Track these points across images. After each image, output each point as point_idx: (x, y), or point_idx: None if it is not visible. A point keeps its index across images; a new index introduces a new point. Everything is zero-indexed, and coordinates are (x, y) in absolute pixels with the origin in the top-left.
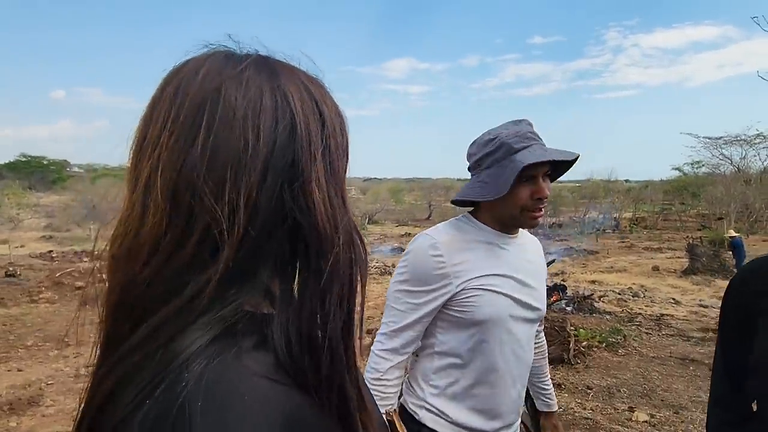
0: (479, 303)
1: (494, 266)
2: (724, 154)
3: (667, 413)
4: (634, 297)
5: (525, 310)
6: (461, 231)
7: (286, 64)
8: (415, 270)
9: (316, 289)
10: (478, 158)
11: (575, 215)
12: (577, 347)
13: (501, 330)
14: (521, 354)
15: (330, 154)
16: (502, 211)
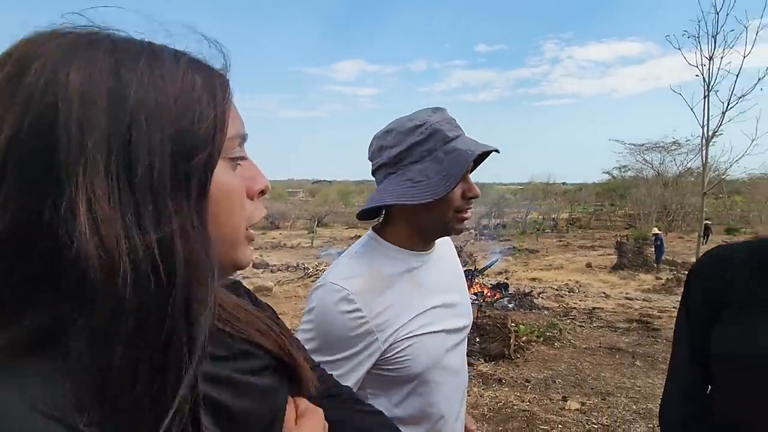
0: (413, 354)
1: (420, 301)
2: (646, 160)
3: (596, 400)
4: (569, 292)
5: (457, 335)
6: (374, 264)
7: (107, 38)
8: (326, 334)
9: (93, 331)
10: (402, 150)
11: (518, 216)
12: (517, 342)
13: (440, 373)
14: (459, 383)
15: (131, 149)
16: (428, 218)
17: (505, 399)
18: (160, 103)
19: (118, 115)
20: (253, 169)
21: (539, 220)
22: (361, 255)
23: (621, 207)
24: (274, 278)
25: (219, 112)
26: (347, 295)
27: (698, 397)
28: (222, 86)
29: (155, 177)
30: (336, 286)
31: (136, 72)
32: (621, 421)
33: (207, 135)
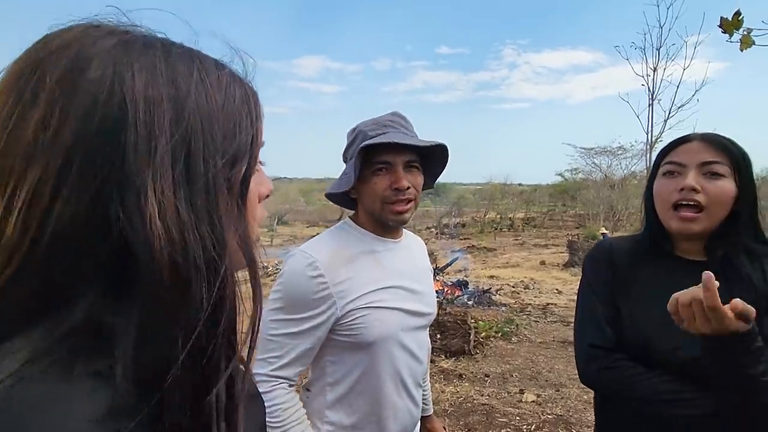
0: (368, 323)
1: (380, 279)
2: (595, 163)
3: (551, 392)
4: (525, 289)
5: (416, 318)
6: (342, 242)
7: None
8: (292, 295)
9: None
10: (344, 150)
11: (477, 216)
12: (476, 338)
13: (394, 347)
14: (416, 367)
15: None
16: (368, 206)
17: (465, 394)
18: (211, 113)
19: (180, 123)
20: (262, 173)
21: (497, 220)
22: (332, 233)
23: (572, 207)
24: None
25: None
26: (314, 263)
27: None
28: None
29: (210, 183)
30: (306, 254)
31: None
32: (573, 411)
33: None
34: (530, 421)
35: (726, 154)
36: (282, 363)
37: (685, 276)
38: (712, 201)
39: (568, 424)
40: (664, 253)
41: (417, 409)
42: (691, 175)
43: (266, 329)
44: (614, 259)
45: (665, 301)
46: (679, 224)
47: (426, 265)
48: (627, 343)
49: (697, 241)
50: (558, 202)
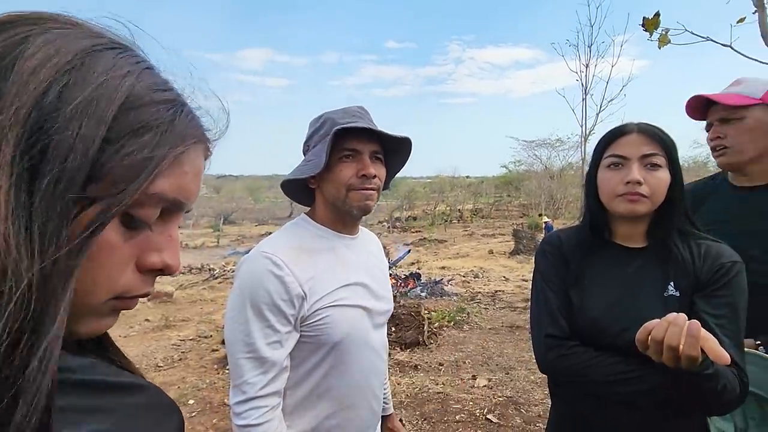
0: (332, 322)
1: (342, 276)
2: (536, 155)
3: (501, 375)
4: (475, 278)
5: (377, 316)
6: (301, 239)
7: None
8: (261, 300)
9: None
10: (306, 139)
11: (427, 208)
12: (430, 329)
13: (357, 345)
14: (379, 364)
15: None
16: (331, 195)
17: (421, 384)
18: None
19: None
20: (163, 243)
21: (447, 212)
22: (289, 230)
23: (517, 198)
24: (175, 282)
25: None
26: (277, 261)
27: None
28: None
29: (60, 188)
30: (266, 253)
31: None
32: (522, 392)
33: (130, 172)
34: (482, 404)
35: (661, 145)
36: (269, 378)
37: (626, 263)
38: (653, 191)
39: (517, 404)
40: (606, 242)
41: (380, 408)
42: (634, 168)
43: (238, 347)
44: (564, 252)
45: (611, 288)
46: (626, 206)
47: (382, 261)
48: (579, 329)
49: (636, 229)
50: (503, 193)
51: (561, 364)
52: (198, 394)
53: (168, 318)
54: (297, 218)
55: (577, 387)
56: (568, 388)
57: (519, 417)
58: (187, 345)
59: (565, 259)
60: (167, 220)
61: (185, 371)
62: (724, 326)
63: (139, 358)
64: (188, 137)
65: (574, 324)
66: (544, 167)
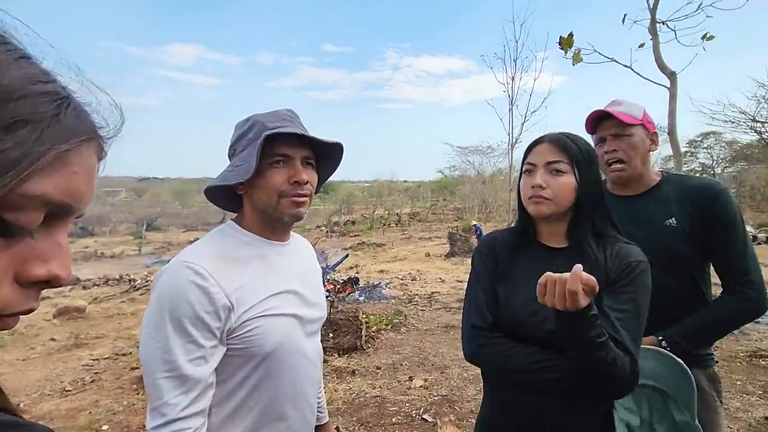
0: (262, 333)
1: (272, 285)
2: (469, 161)
3: (437, 375)
4: (412, 281)
5: (310, 323)
6: (227, 247)
7: None
8: (183, 313)
9: None
10: (233, 143)
11: (366, 212)
12: (368, 333)
13: (290, 355)
14: (312, 372)
15: None
16: (261, 201)
17: (358, 389)
18: None
19: None
20: (50, 251)
21: (385, 216)
22: (214, 238)
23: (452, 201)
24: (89, 295)
25: (36, 152)
26: (201, 271)
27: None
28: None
29: None
30: (188, 263)
31: None
32: (456, 389)
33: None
34: (419, 405)
35: (566, 153)
36: (192, 397)
37: (548, 261)
38: (555, 193)
39: (452, 402)
40: (532, 242)
41: (314, 417)
42: (539, 174)
43: (156, 366)
44: (496, 251)
45: (533, 284)
46: (532, 207)
47: (315, 267)
48: (504, 322)
49: (556, 229)
50: (439, 197)
51: (482, 352)
52: (114, 419)
53: (78, 336)
54: (223, 225)
55: (498, 375)
56: (493, 376)
57: (453, 414)
58: (101, 365)
59: (496, 258)
60: (53, 226)
61: (98, 394)
62: (624, 320)
63: (41, 383)
64: (77, 134)
65: (499, 318)
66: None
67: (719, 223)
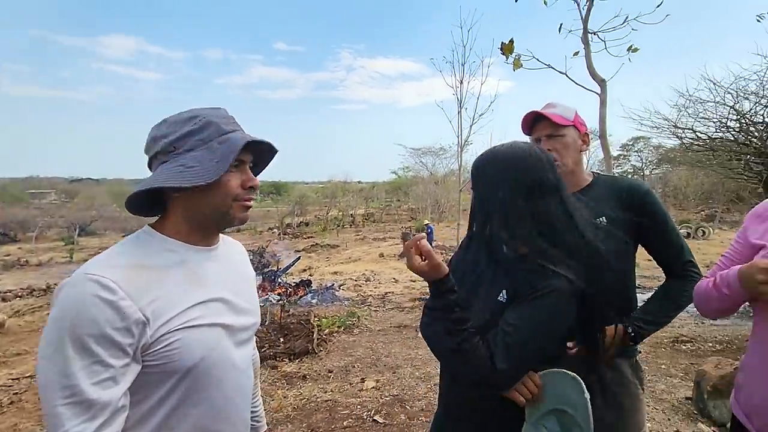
0: (183, 347)
1: (196, 294)
2: (422, 162)
3: (388, 375)
4: (366, 281)
5: (241, 332)
6: (141, 255)
7: None
8: (87, 331)
9: None
10: (176, 138)
11: (320, 214)
12: (320, 336)
13: (217, 368)
14: (244, 382)
15: None
16: (207, 206)
17: (309, 394)
18: None
19: None
20: None
21: (339, 217)
22: (126, 246)
23: (405, 202)
24: (9, 308)
25: None
26: (108, 284)
27: None
28: None
29: None
30: (93, 276)
31: None
32: (407, 388)
33: None
34: (370, 407)
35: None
36: (98, 424)
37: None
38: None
39: (403, 401)
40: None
41: (247, 430)
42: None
43: (54, 393)
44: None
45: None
46: None
47: (248, 271)
48: None
49: None
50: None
51: (423, 330)
52: None
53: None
54: (138, 232)
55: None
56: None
57: (404, 414)
58: (21, 384)
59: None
60: None
61: (18, 416)
62: (508, 333)
63: None
64: None
65: None
66: (430, 173)
67: (655, 221)
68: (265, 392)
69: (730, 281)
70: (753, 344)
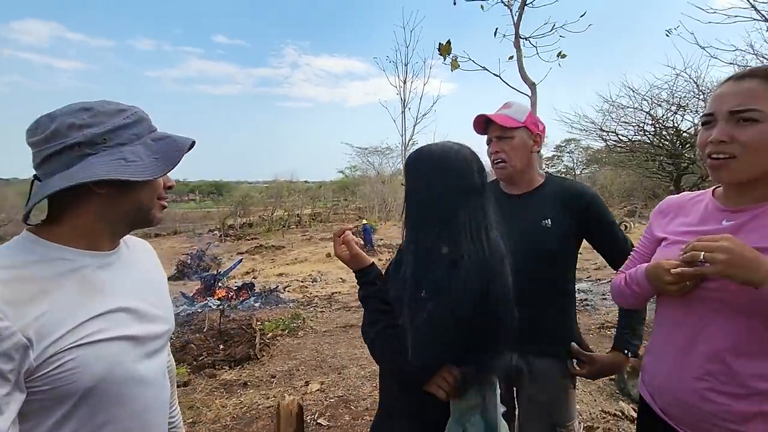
0: (78, 366)
1: (93, 306)
2: (369, 161)
3: (334, 376)
4: (313, 282)
5: (151, 342)
6: (19, 269)
7: None
8: None
9: None
10: (108, 131)
11: (264, 214)
12: (263, 340)
13: (122, 386)
14: (158, 395)
15: None
16: (131, 204)
17: (250, 402)
18: None
19: None
20: None
21: (285, 217)
22: (7, 254)
23: (353, 201)
24: None
25: None
26: None
27: None
28: None
29: None
30: None
31: None
32: (352, 389)
33: None
34: (314, 409)
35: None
36: None
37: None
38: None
39: (348, 402)
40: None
41: None
42: None
43: None
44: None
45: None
46: None
47: (157, 274)
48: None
49: None
50: (341, 197)
51: (364, 337)
52: None
53: None
54: (17, 238)
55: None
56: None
57: (348, 414)
58: None
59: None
60: None
61: None
62: (419, 326)
63: None
64: None
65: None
66: (377, 173)
67: (602, 224)
68: (202, 403)
69: (639, 280)
70: (655, 328)
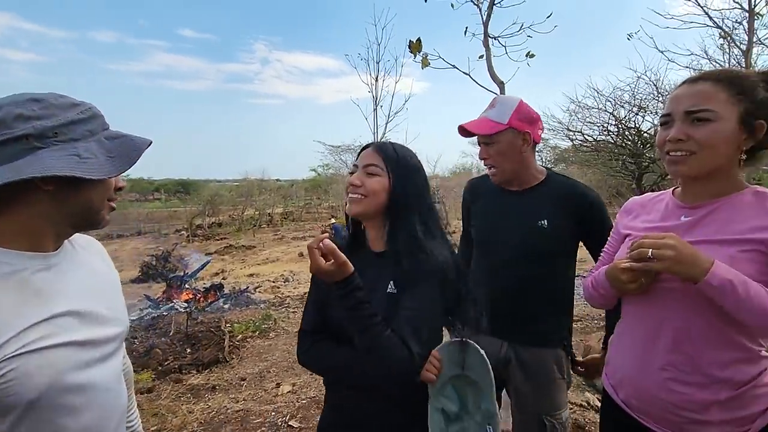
0: (19, 377)
1: (36, 311)
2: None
3: (306, 377)
4: (285, 282)
5: (104, 346)
6: None
7: None
8: None
9: None
10: (60, 125)
11: (234, 213)
12: (232, 343)
13: (71, 395)
14: (115, 403)
15: None
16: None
17: (218, 406)
18: None
19: None
20: None
21: (255, 216)
22: None
23: (326, 200)
24: None
25: None
26: None
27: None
28: None
29: None
30: None
31: None
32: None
33: None
34: (285, 412)
35: (381, 156)
36: None
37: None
38: (368, 191)
39: (320, 402)
40: (362, 246)
41: None
42: (356, 174)
43: None
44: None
45: None
46: (349, 206)
47: (108, 273)
48: (330, 324)
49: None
50: (313, 195)
51: (306, 357)
52: None
53: None
54: None
55: (323, 374)
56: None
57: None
58: None
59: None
60: None
61: None
62: (411, 318)
63: None
64: None
65: (329, 319)
66: None
67: (602, 228)
68: (167, 409)
69: (602, 282)
70: (619, 323)
